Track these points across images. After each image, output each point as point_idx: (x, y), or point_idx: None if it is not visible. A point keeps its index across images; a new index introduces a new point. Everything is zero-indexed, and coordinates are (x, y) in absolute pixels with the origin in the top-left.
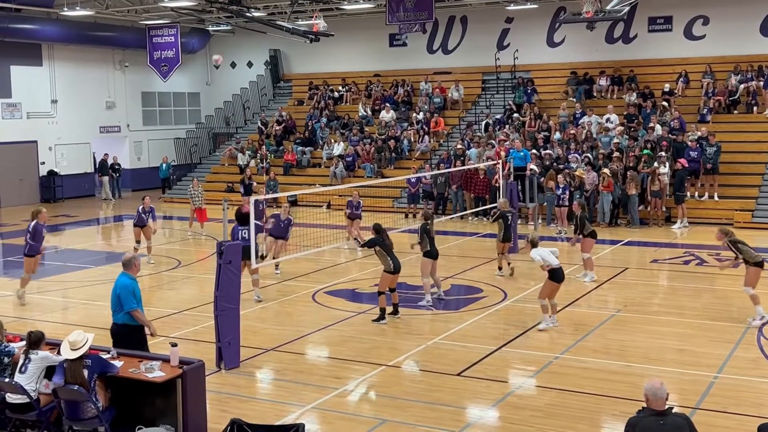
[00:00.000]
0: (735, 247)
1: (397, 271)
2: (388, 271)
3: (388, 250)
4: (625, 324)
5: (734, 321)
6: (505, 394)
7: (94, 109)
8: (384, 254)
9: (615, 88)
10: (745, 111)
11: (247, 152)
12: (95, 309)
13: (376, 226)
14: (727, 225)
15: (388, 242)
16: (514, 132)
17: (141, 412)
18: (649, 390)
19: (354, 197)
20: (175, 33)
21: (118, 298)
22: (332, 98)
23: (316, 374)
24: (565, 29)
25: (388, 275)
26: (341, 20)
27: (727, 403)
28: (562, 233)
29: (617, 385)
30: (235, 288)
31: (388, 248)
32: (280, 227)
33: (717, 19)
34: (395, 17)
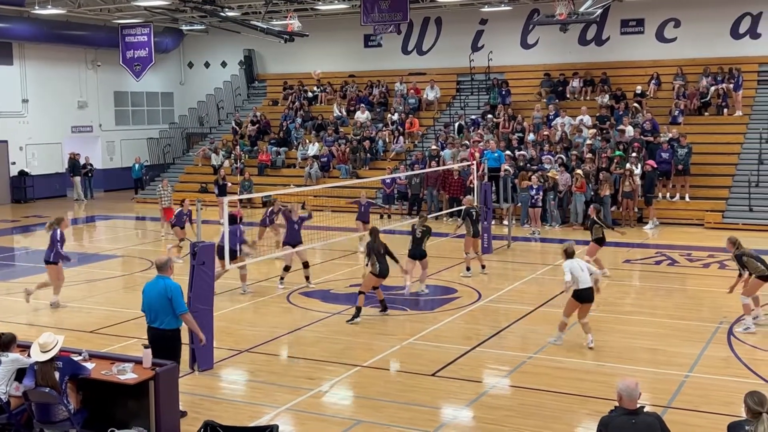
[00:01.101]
0: (739, 261)
1: (382, 275)
2: (374, 273)
3: (377, 254)
4: (598, 324)
5: (705, 320)
6: (479, 394)
7: (65, 108)
8: (373, 257)
9: (588, 89)
10: (716, 113)
11: (221, 152)
12: (66, 311)
13: (372, 229)
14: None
15: (377, 245)
16: (488, 133)
17: (113, 415)
18: (624, 390)
19: (362, 197)
20: (148, 32)
21: (170, 302)
22: (307, 98)
23: (290, 375)
24: (538, 31)
25: (373, 277)
26: (316, 20)
27: (698, 402)
28: (536, 234)
29: (590, 384)
30: (209, 289)
31: (377, 251)
32: (294, 230)
33: (688, 22)
34: (370, 18)
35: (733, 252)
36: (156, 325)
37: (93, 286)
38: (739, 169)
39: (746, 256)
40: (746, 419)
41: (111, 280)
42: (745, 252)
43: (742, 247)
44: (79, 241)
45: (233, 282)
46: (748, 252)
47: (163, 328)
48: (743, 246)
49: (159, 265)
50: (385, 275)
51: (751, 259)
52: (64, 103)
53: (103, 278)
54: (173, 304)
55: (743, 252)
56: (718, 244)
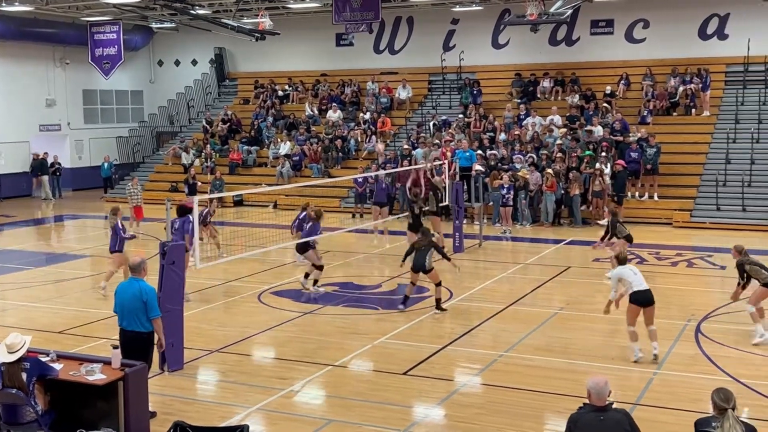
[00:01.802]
0: (741, 269)
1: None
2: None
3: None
4: (568, 322)
5: (673, 318)
6: (450, 392)
7: (33, 107)
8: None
9: (558, 89)
10: (684, 113)
11: (192, 151)
12: (34, 311)
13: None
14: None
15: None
16: (459, 132)
17: (82, 416)
18: (593, 387)
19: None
20: (117, 30)
21: (145, 305)
22: (278, 97)
23: (261, 375)
24: (509, 31)
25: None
26: (287, 19)
27: (666, 399)
28: (507, 233)
29: (560, 382)
30: (179, 289)
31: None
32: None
33: (657, 23)
34: (342, 17)
35: (736, 260)
36: (129, 327)
37: (61, 286)
38: (707, 168)
39: (749, 264)
40: (713, 415)
41: (80, 280)
42: (748, 260)
43: (746, 255)
44: (47, 240)
45: (204, 282)
46: (752, 260)
47: (136, 331)
48: (748, 254)
49: (133, 267)
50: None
51: (754, 267)
52: (32, 102)
53: (71, 278)
54: (147, 307)
55: (745, 260)
56: (686, 243)
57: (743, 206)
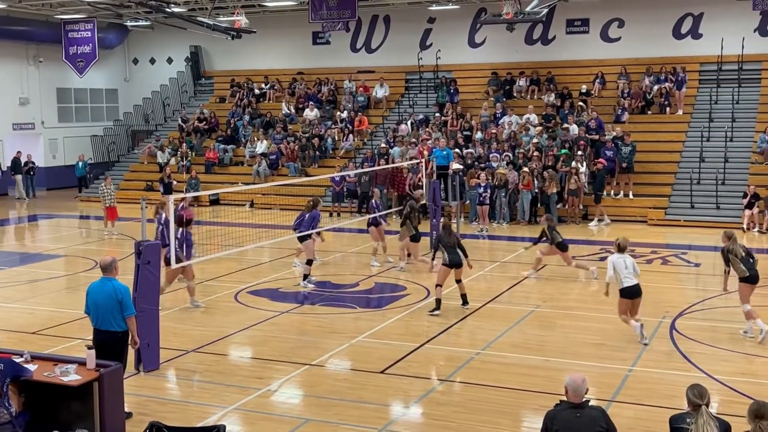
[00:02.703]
0: (724, 256)
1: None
2: (444, 264)
3: (448, 246)
4: (544, 319)
5: (648, 315)
6: (427, 391)
7: (6, 105)
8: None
9: (534, 88)
10: (659, 112)
11: (167, 150)
12: (8, 311)
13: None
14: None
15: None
16: (436, 131)
17: (56, 417)
18: (570, 384)
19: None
20: (91, 28)
21: (120, 304)
22: (255, 96)
23: (238, 375)
24: (486, 30)
25: (445, 268)
26: (263, 17)
27: (641, 396)
28: (484, 231)
29: (537, 379)
30: (154, 288)
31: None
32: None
33: (632, 22)
34: (318, 15)
35: (724, 245)
36: (103, 327)
37: (35, 286)
38: (681, 167)
39: (733, 255)
40: (687, 412)
41: (54, 280)
42: (733, 250)
43: (735, 244)
44: (21, 240)
45: (179, 282)
46: (736, 251)
47: (111, 330)
48: (737, 243)
49: (104, 266)
50: (454, 265)
51: (735, 259)
52: (5, 100)
53: (45, 278)
54: (123, 306)
55: (730, 249)
56: (661, 241)
57: (717, 204)
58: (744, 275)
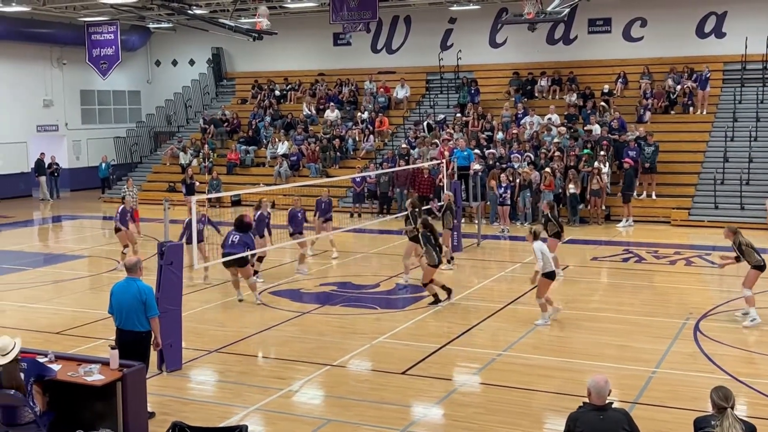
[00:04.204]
0: (739, 249)
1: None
2: (432, 264)
3: (433, 245)
4: (566, 321)
5: (672, 317)
6: (448, 392)
7: (31, 107)
8: (429, 249)
9: (556, 88)
10: (682, 111)
11: (189, 151)
12: (32, 312)
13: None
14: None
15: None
16: (457, 131)
17: (80, 416)
18: (593, 386)
19: (324, 196)
20: (114, 30)
21: (143, 304)
22: (276, 97)
23: (259, 375)
24: (507, 30)
25: (431, 268)
26: (285, 18)
27: (664, 398)
28: (505, 232)
29: (559, 381)
30: (177, 289)
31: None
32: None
33: (655, 21)
34: (339, 16)
35: (733, 239)
36: (127, 327)
37: (60, 286)
38: (705, 167)
39: (745, 246)
40: (712, 414)
41: (78, 280)
42: (745, 241)
43: (741, 236)
44: (45, 241)
45: (201, 282)
46: (747, 241)
47: (135, 330)
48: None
49: (129, 267)
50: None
51: (749, 249)
52: (30, 102)
53: (69, 279)
54: (146, 306)
55: (742, 241)
56: (685, 242)
57: (741, 204)
58: (759, 264)
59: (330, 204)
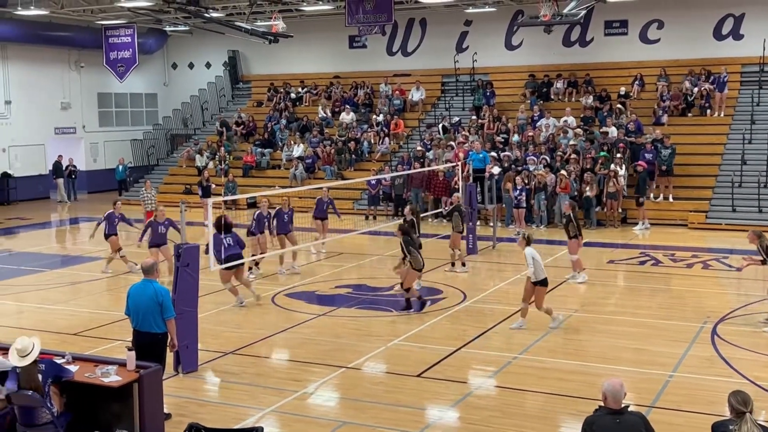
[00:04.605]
0: (766, 252)
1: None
2: (417, 269)
3: (417, 248)
4: (582, 324)
5: (689, 320)
6: (464, 395)
7: (49, 110)
8: (415, 253)
9: (572, 90)
10: (699, 114)
11: (206, 154)
12: (50, 313)
13: (402, 228)
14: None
15: (416, 239)
16: (473, 134)
17: (97, 417)
18: (609, 390)
19: (324, 195)
20: (131, 33)
21: (160, 306)
22: (291, 100)
23: (275, 377)
24: (523, 32)
25: (415, 272)
26: (300, 21)
27: (681, 402)
28: (520, 235)
29: (574, 384)
30: (193, 291)
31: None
32: (284, 221)
33: (672, 23)
34: (355, 19)
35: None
36: (144, 328)
37: (77, 288)
38: (723, 169)
39: None
40: (730, 419)
41: (95, 282)
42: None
43: (766, 240)
44: (62, 243)
45: (218, 284)
46: None
47: (151, 332)
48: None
49: (146, 269)
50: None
51: None
52: (48, 105)
53: (86, 280)
54: (163, 308)
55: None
56: (702, 245)
57: (759, 207)
58: None
59: (330, 203)
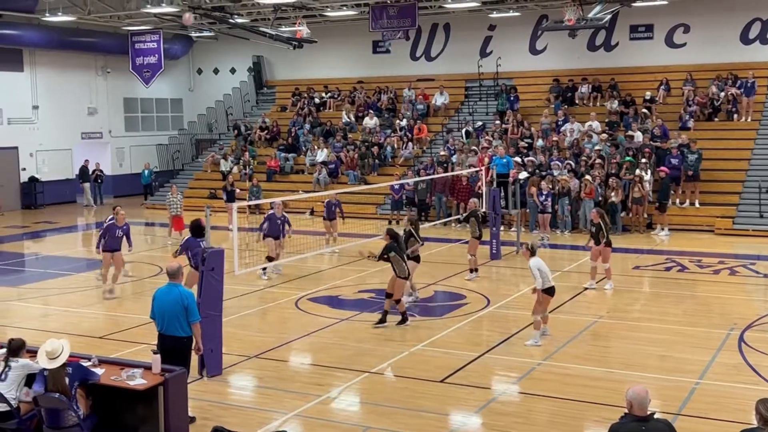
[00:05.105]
0: None
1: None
2: (402, 277)
3: (402, 255)
4: (607, 330)
5: (716, 327)
6: (488, 401)
7: (75, 115)
8: (399, 260)
9: (597, 95)
10: (726, 119)
11: (230, 159)
12: (76, 316)
13: (390, 231)
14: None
15: (403, 246)
16: (496, 138)
17: (122, 420)
18: (634, 397)
19: (332, 198)
20: (157, 39)
21: (185, 310)
22: (315, 104)
23: (298, 381)
24: (547, 37)
25: (402, 281)
26: (325, 27)
27: (708, 409)
28: (545, 240)
29: (599, 391)
30: (218, 295)
31: (403, 252)
32: (276, 225)
33: (698, 28)
34: (378, 24)
35: None
36: (169, 332)
37: (102, 291)
38: (750, 175)
39: None
40: (758, 426)
41: (120, 285)
42: None
43: None
44: (89, 246)
45: (242, 288)
46: None
47: (176, 336)
48: None
49: (171, 273)
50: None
51: None
52: (75, 110)
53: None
54: (188, 311)
55: None
56: (729, 251)
57: None
58: None
59: (337, 205)
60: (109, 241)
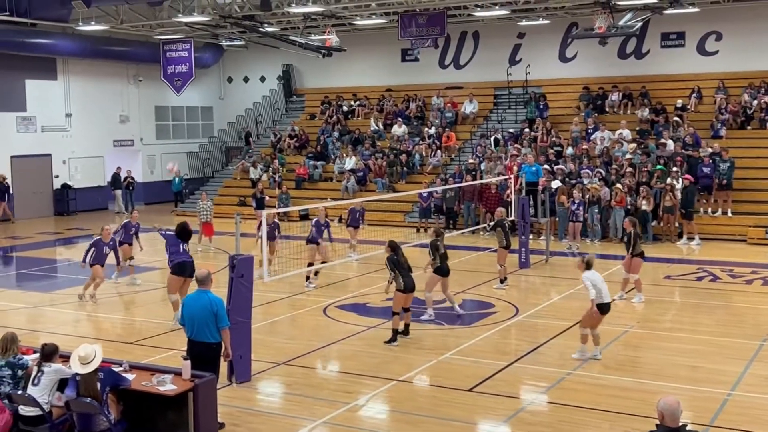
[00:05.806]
0: None
1: (408, 290)
2: (399, 289)
3: (401, 268)
4: (638, 340)
5: (748, 338)
6: (516, 410)
7: (107, 122)
8: (396, 273)
9: (627, 103)
10: (759, 127)
11: (260, 166)
12: (107, 322)
13: (392, 244)
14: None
15: (402, 260)
16: (526, 146)
17: (153, 425)
18: (666, 409)
19: (357, 205)
20: (188, 48)
21: (214, 316)
22: (344, 112)
23: (327, 389)
24: (577, 44)
25: (400, 294)
26: (354, 35)
27: (741, 421)
28: (573, 248)
29: (629, 401)
30: (247, 301)
31: (402, 266)
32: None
33: (730, 35)
34: (407, 32)
35: None
36: (199, 338)
37: (133, 297)
38: None
39: None
40: None
41: (151, 291)
42: None
43: None
44: None
45: (270, 295)
46: None
47: (206, 342)
48: None
49: (200, 279)
50: (411, 290)
51: None
52: (107, 118)
53: (143, 290)
54: (217, 318)
55: None
56: (762, 261)
57: None
58: None
59: (362, 214)
60: (98, 257)
